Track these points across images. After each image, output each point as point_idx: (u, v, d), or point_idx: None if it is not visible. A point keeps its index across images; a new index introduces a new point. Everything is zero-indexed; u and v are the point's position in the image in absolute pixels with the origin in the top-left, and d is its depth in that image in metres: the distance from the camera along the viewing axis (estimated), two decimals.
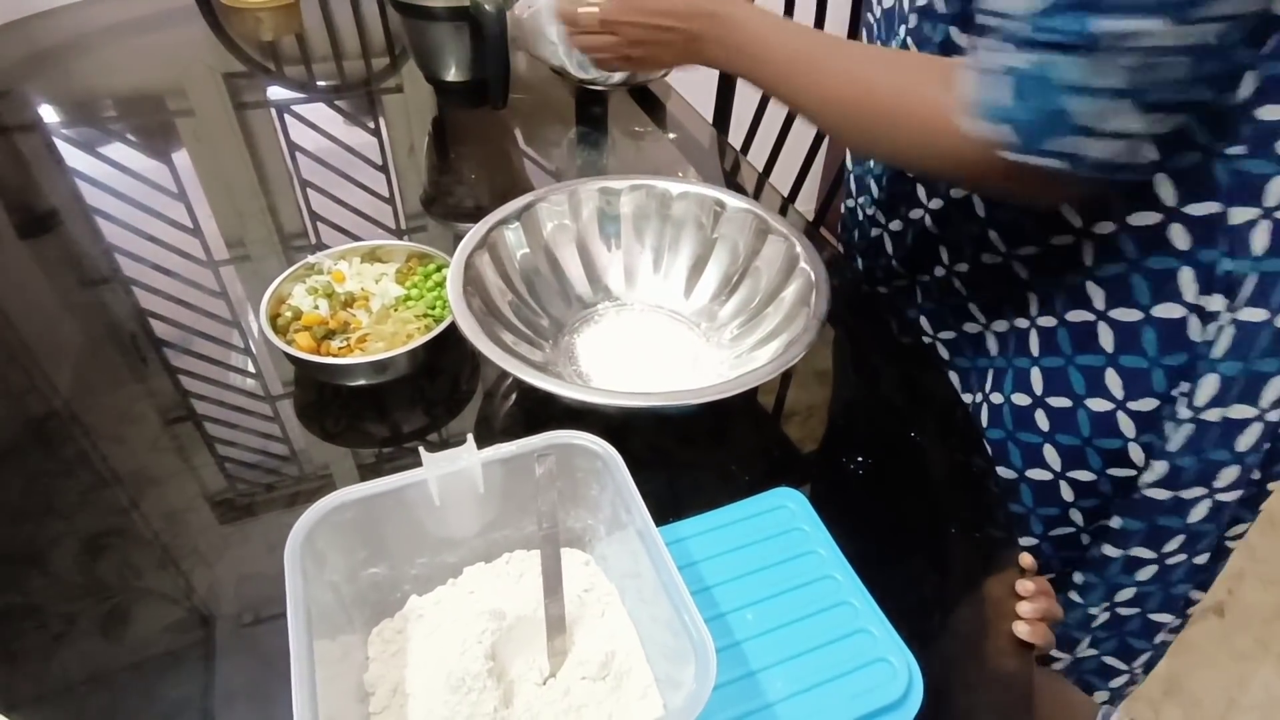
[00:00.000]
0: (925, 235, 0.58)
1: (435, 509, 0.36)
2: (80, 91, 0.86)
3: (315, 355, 0.48)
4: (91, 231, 0.66)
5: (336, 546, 0.34)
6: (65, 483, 0.46)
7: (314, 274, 0.54)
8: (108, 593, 0.41)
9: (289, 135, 0.80)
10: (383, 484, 0.35)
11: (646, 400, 0.44)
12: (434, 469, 0.35)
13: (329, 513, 0.33)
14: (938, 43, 0.51)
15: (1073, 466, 0.51)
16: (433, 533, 0.37)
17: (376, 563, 0.36)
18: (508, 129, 0.83)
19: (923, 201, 0.58)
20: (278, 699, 0.35)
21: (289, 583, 0.31)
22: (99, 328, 0.57)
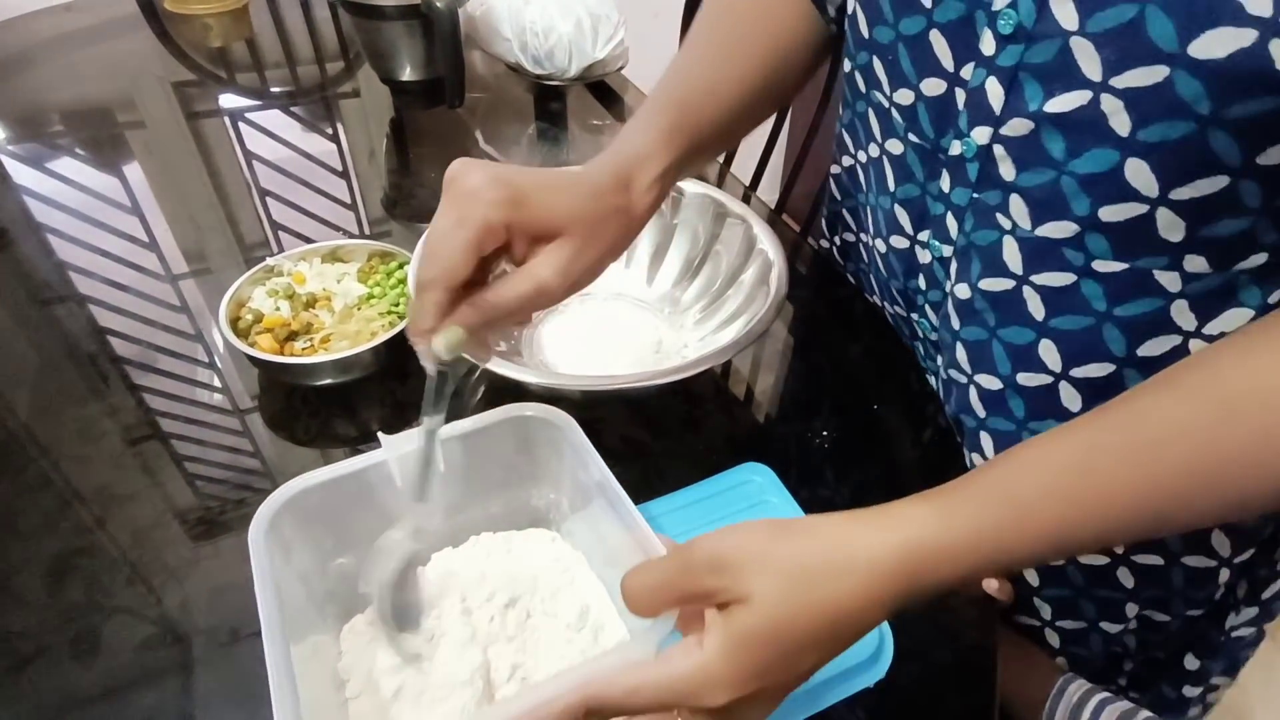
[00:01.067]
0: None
1: (398, 490, 0.36)
2: (25, 106, 0.84)
3: (279, 356, 0.48)
4: (43, 249, 0.64)
5: (302, 536, 0.34)
6: (27, 504, 0.45)
7: (274, 276, 0.53)
8: (76, 613, 0.40)
9: (244, 144, 0.79)
10: (343, 467, 0.34)
11: (612, 383, 0.45)
12: (392, 449, 0.35)
13: (293, 497, 0.33)
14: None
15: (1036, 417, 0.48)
16: (398, 519, 0.37)
17: (344, 552, 0.36)
18: (467, 128, 0.83)
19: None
20: (255, 713, 0.35)
21: (256, 568, 0.31)
22: (56, 347, 0.56)
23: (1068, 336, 0.43)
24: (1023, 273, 0.43)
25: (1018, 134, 0.40)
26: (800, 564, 0.28)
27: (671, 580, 0.30)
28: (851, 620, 0.29)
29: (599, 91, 0.89)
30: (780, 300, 0.50)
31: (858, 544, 0.29)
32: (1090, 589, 0.50)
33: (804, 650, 0.29)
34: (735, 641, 0.28)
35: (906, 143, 0.48)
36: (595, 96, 0.88)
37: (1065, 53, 0.36)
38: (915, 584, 0.29)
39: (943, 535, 0.29)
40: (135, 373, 0.54)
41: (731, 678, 0.28)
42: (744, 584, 0.28)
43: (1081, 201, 0.39)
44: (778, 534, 0.29)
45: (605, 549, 0.36)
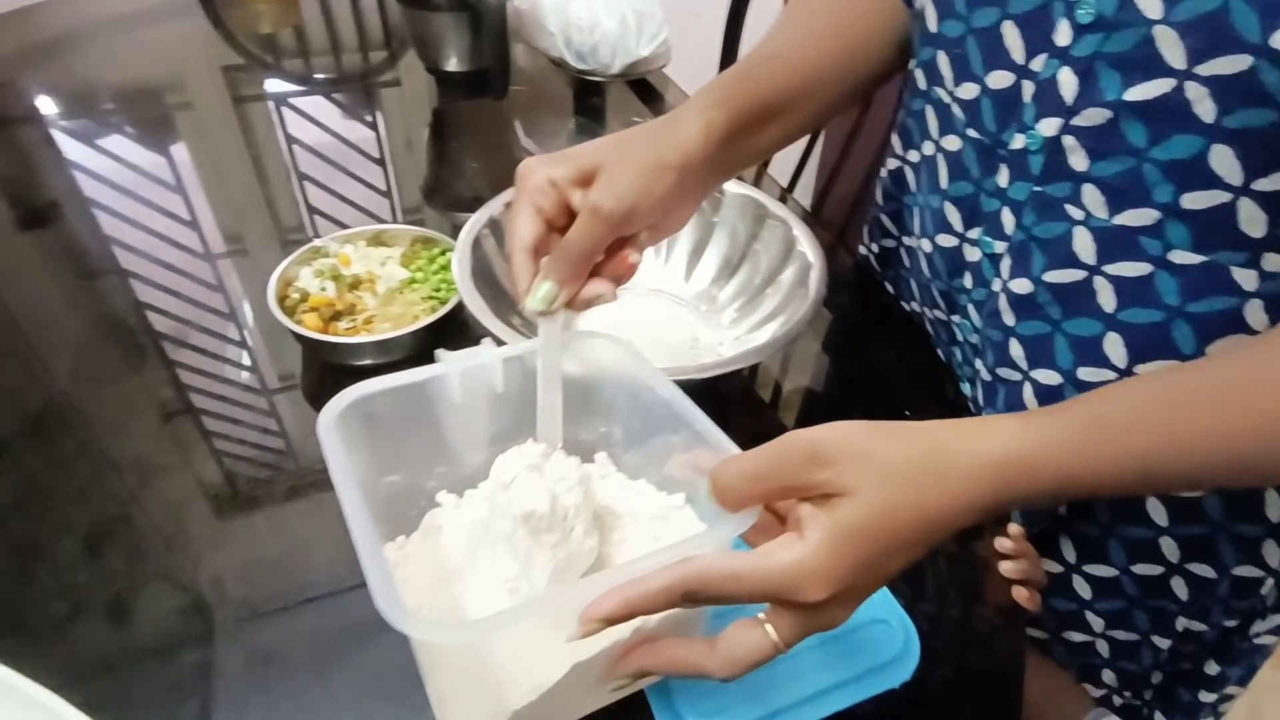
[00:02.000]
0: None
1: (455, 408, 0.36)
2: (79, 84, 0.86)
3: (324, 335, 0.49)
4: (90, 223, 0.66)
5: (360, 442, 0.33)
6: (66, 472, 0.46)
7: (320, 257, 0.54)
8: (110, 580, 0.41)
9: (287, 128, 0.80)
10: (404, 376, 0.35)
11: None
12: (454, 363, 0.35)
13: (356, 400, 0.33)
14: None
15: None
16: (450, 439, 0.37)
17: (396, 469, 0.36)
18: (507, 120, 0.84)
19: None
20: (274, 688, 0.37)
21: (329, 455, 0.30)
22: (98, 320, 0.57)
23: (1136, 331, 0.43)
24: (1096, 263, 0.43)
25: (1093, 123, 0.40)
26: (902, 462, 0.29)
27: (766, 470, 0.29)
28: (942, 524, 0.29)
29: (640, 89, 0.89)
30: (818, 301, 0.50)
31: (955, 450, 0.29)
32: (1144, 600, 0.50)
33: (898, 550, 0.29)
34: (839, 535, 0.28)
35: (965, 138, 0.48)
36: (636, 94, 0.89)
37: (1148, 41, 0.36)
38: (1005, 494, 0.29)
39: (1036, 450, 0.29)
40: (171, 348, 0.55)
41: (831, 572, 0.28)
42: (847, 478, 0.28)
43: (1164, 189, 0.39)
44: (878, 432, 0.29)
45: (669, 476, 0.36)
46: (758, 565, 0.28)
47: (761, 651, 0.29)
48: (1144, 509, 0.47)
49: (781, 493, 0.30)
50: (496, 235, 0.53)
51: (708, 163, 0.41)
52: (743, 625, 0.30)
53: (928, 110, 0.51)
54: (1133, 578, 0.49)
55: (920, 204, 0.55)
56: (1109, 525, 0.49)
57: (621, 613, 0.28)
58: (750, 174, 0.79)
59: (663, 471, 0.37)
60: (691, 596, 0.28)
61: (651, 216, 0.38)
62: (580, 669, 0.31)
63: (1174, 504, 0.47)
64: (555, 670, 0.30)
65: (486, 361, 0.36)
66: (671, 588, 0.28)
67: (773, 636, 0.29)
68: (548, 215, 0.37)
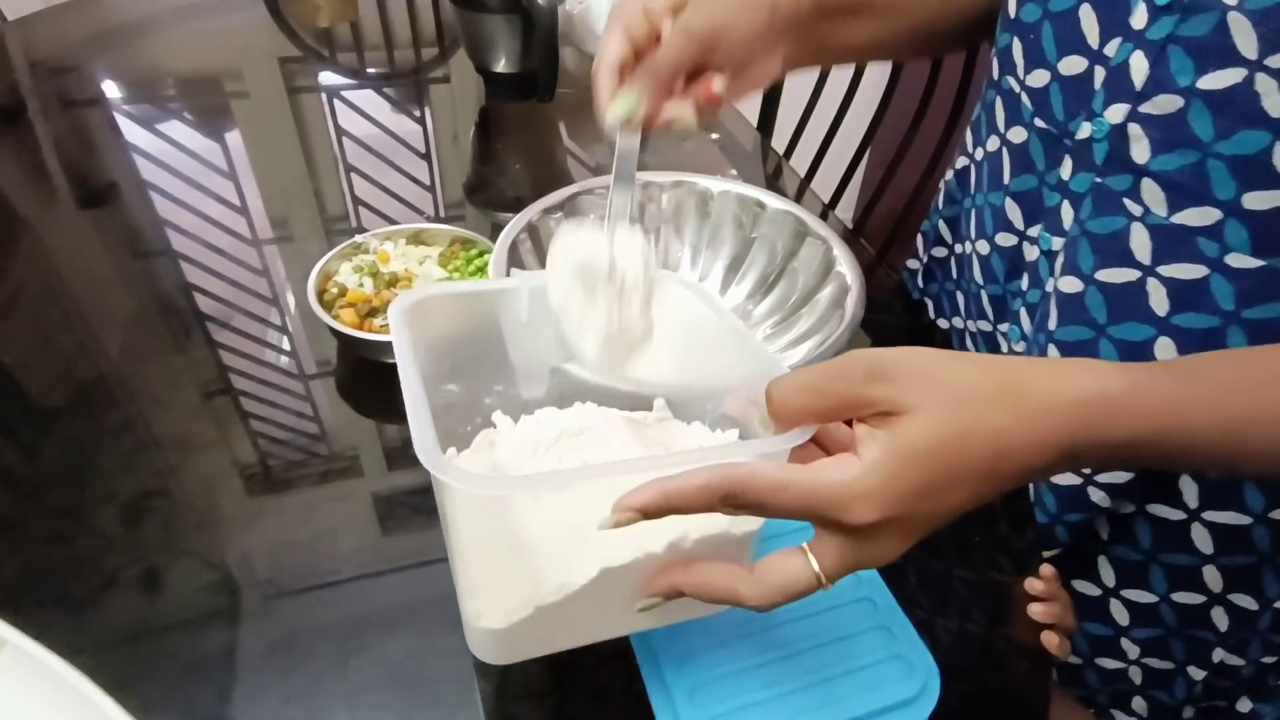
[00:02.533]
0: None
1: (521, 326, 0.35)
2: (143, 70, 0.89)
3: (359, 331, 0.49)
4: (146, 205, 0.68)
5: (425, 345, 0.33)
6: (110, 444, 0.47)
7: (360, 253, 0.55)
8: (145, 552, 0.42)
9: (337, 120, 0.82)
10: (476, 284, 0.36)
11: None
12: (527, 280, 0.35)
13: (428, 298, 0.33)
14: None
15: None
16: (513, 359, 0.37)
17: (456, 378, 0.36)
18: (552, 122, 0.84)
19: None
20: (294, 670, 0.37)
21: (395, 333, 0.31)
22: (148, 298, 0.59)
23: (1189, 336, 0.41)
24: (1150, 263, 0.41)
25: (1162, 111, 0.39)
26: (972, 385, 0.26)
27: (825, 384, 0.27)
28: (1016, 457, 0.26)
29: None
30: (855, 325, 0.49)
31: (1035, 380, 0.27)
32: (1182, 629, 0.48)
33: (962, 479, 0.26)
34: (897, 454, 0.25)
35: (1031, 129, 0.47)
36: None
37: (1222, 28, 0.35)
38: (1086, 435, 0.27)
39: (1126, 391, 0.27)
40: (215, 329, 0.56)
41: (885, 492, 0.25)
42: (910, 394, 0.26)
43: (1227, 186, 0.37)
44: (951, 356, 0.27)
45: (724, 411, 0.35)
46: (807, 477, 0.26)
47: (802, 580, 0.27)
48: (1189, 536, 0.46)
49: (839, 408, 0.27)
50: (534, 240, 0.53)
51: (794, 16, 0.42)
52: (784, 552, 0.28)
53: (997, 102, 0.50)
54: (1172, 606, 0.48)
55: (980, 204, 0.54)
56: (1151, 551, 0.47)
57: (657, 504, 0.26)
58: (792, 189, 0.79)
59: (720, 410, 0.36)
60: (732, 499, 0.26)
61: (736, 50, 0.40)
62: (610, 575, 0.29)
63: (1221, 532, 0.45)
64: (584, 573, 0.29)
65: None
66: (712, 486, 0.25)
67: (814, 566, 0.27)
68: (637, 40, 0.38)
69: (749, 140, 0.84)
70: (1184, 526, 0.46)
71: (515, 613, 0.30)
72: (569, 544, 0.30)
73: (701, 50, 0.38)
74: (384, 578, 0.42)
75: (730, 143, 0.83)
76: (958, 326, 0.60)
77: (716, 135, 0.84)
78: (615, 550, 0.29)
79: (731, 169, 0.79)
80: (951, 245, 0.60)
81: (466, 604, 0.31)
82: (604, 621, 0.33)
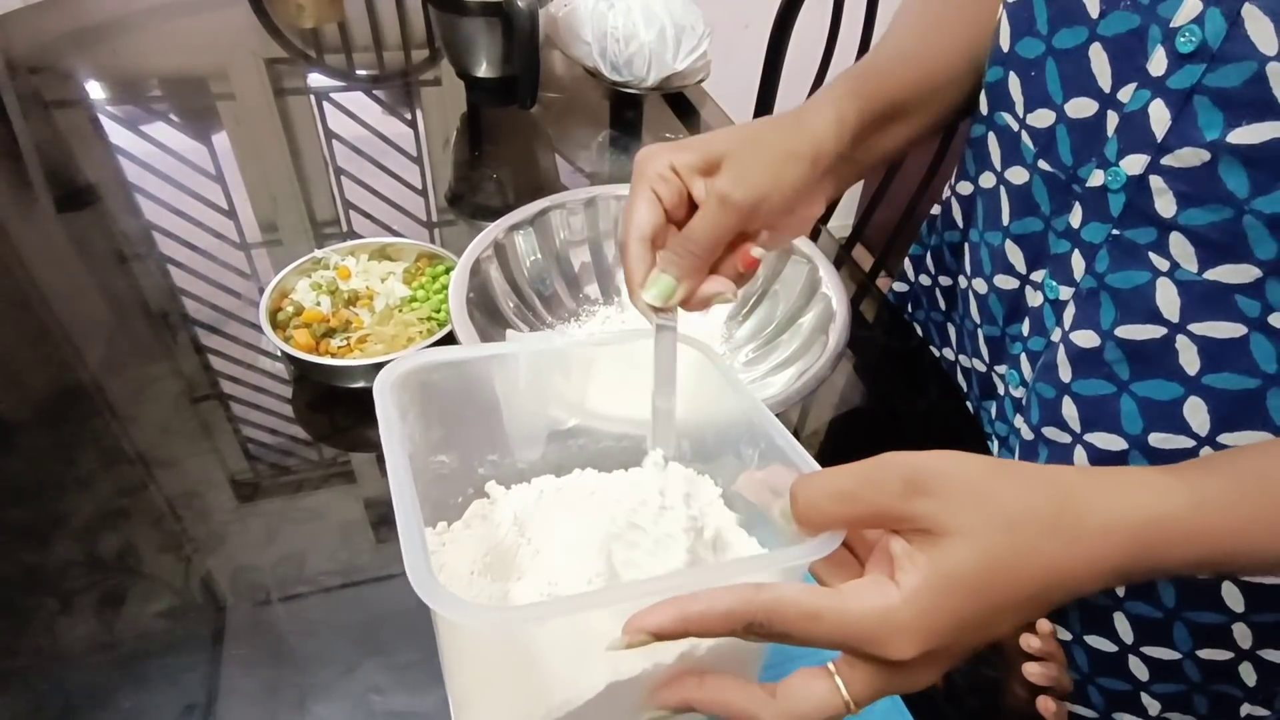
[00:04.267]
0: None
1: (518, 393, 0.34)
2: (125, 70, 0.88)
3: (312, 354, 0.47)
4: (130, 208, 0.66)
5: (416, 413, 0.32)
6: (89, 451, 0.46)
7: (320, 269, 0.53)
8: (128, 559, 0.41)
9: (326, 123, 0.80)
10: (470, 350, 0.33)
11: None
12: (525, 344, 0.33)
13: (419, 368, 0.31)
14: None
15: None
16: (508, 426, 0.35)
17: (447, 449, 0.34)
18: (539, 128, 0.82)
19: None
20: (279, 689, 0.36)
21: (382, 418, 0.29)
22: (131, 302, 0.57)
23: (1224, 397, 0.38)
24: (1179, 320, 0.38)
25: (1187, 165, 0.36)
26: (1026, 507, 0.24)
27: (858, 490, 0.25)
28: (1069, 585, 0.25)
29: (676, 104, 0.86)
30: (838, 355, 0.46)
31: (1093, 502, 0.25)
32: (1207, 685, 0.45)
33: (1009, 609, 0.24)
34: (940, 583, 0.23)
35: (1035, 171, 0.44)
36: (672, 108, 0.86)
37: (1259, 79, 0.32)
38: (1146, 559, 0.25)
39: (1190, 511, 0.25)
40: (202, 334, 0.55)
41: (925, 627, 0.23)
42: (955, 514, 0.24)
43: (1267, 245, 0.35)
44: (998, 469, 0.25)
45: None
46: (840, 607, 0.24)
47: (828, 708, 0.25)
48: (1219, 595, 0.43)
49: (873, 520, 0.25)
50: (500, 259, 0.51)
51: (838, 156, 0.38)
52: (809, 674, 0.25)
53: (990, 138, 0.47)
54: (1197, 662, 0.45)
55: (976, 241, 0.51)
56: (1175, 609, 0.44)
57: (674, 628, 0.23)
58: None
59: (731, 488, 0.34)
60: (756, 629, 0.24)
61: (779, 210, 0.36)
62: (616, 689, 0.27)
63: (1254, 591, 0.42)
64: (589, 687, 0.27)
65: (559, 348, 0.34)
66: (736, 613, 0.23)
67: (844, 694, 0.25)
68: (667, 204, 0.35)
69: None
70: (1214, 585, 0.43)
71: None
72: (575, 657, 0.28)
73: (742, 221, 0.35)
74: (375, 584, 0.42)
75: None
76: (949, 358, 0.57)
77: None
78: (624, 662, 0.27)
79: None
80: (936, 276, 0.58)
81: (459, 717, 0.30)
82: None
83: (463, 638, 0.28)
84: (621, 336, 0.35)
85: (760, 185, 0.34)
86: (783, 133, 0.37)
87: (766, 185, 0.35)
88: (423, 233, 0.67)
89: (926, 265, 0.59)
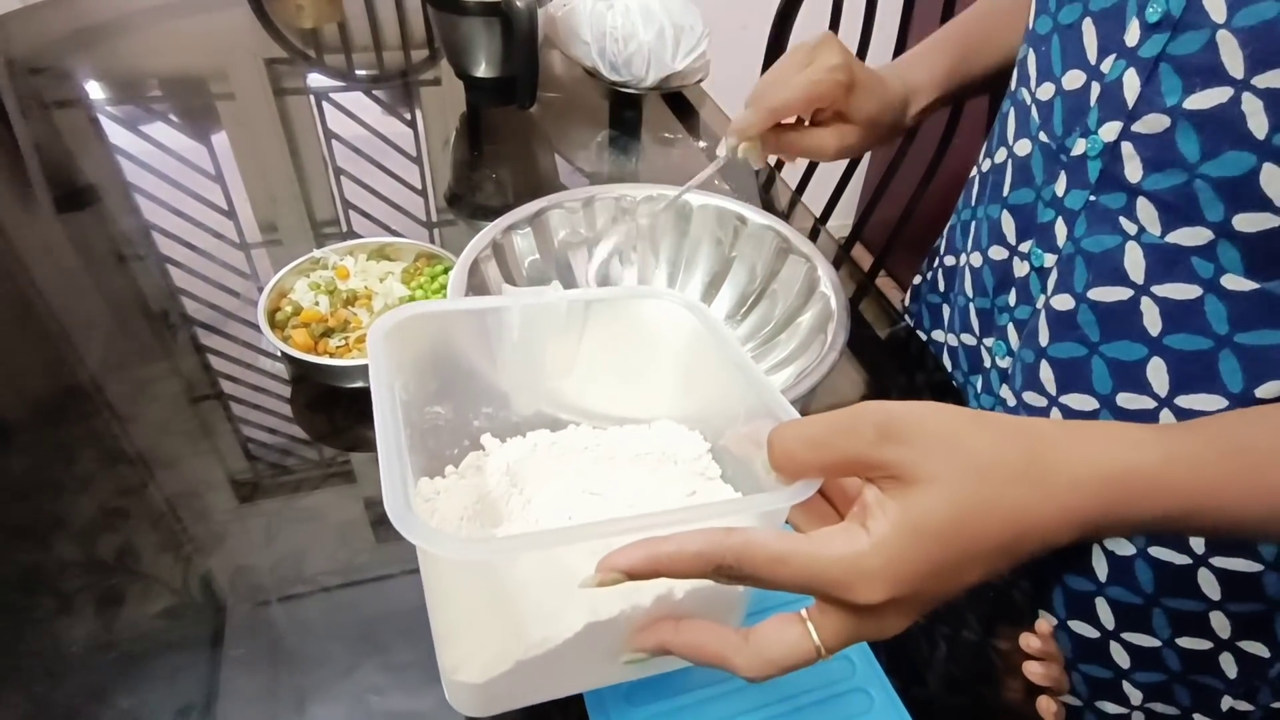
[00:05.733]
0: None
1: (512, 346, 0.34)
2: (124, 70, 0.88)
3: (311, 354, 0.47)
4: (130, 208, 0.66)
5: (410, 365, 0.32)
6: (89, 451, 0.46)
7: (319, 268, 0.53)
8: (128, 559, 0.41)
9: (326, 123, 0.80)
10: (464, 303, 0.34)
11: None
12: (518, 298, 0.33)
13: (410, 318, 0.31)
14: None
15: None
16: (503, 379, 0.35)
17: (442, 400, 0.34)
18: (538, 128, 0.82)
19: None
20: (278, 690, 0.36)
21: (372, 361, 0.29)
22: (129, 303, 0.57)
23: (1181, 359, 0.40)
24: (1144, 282, 0.40)
25: (1151, 131, 0.37)
26: (997, 456, 0.24)
27: (832, 437, 0.25)
28: (1037, 535, 0.24)
29: (675, 103, 0.86)
30: (837, 355, 0.46)
31: (1065, 451, 0.25)
32: (1188, 675, 0.46)
33: (977, 558, 0.24)
34: (908, 530, 0.24)
35: (1035, 142, 0.46)
36: (671, 108, 0.86)
37: (1211, 47, 0.34)
38: (1116, 511, 0.25)
39: (1162, 465, 0.26)
40: (202, 334, 0.55)
41: (894, 572, 0.24)
42: (925, 461, 0.24)
43: (1215, 207, 0.36)
44: (972, 419, 0.25)
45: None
46: (809, 551, 0.24)
47: (799, 653, 0.25)
48: (1195, 582, 0.43)
49: (847, 466, 0.26)
50: (499, 258, 0.51)
51: (926, 111, 0.53)
52: (781, 620, 0.26)
53: (1010, 113, 0.50)
54: (1177, 651, 0.45)
55: (980, 216, 0.53)
56: (1154, 595, 0.45)
57: (644, 567, 0.24)
58: (784, 200, 0.75)
59: (718, 443, 0.34)
60: (726, 570, 0.24)
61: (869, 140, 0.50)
62: (594, 629, 0.28)
63: (1229, 579, 0.43)
64: (567, 627, 0.28)
65: (553, 301, 0.34)
66: (706, 554, 0.24)
67: (815, 638, 0.25)
68: (807, 109, 0.47)
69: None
70: (1190, 571, 0.43)
71: (494, 666, 0.29)
72: (553, 595, 0.28)
73: (824, 158, 0.50)
74: (373, 584, 0.42)
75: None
76: (937, 340, 0.59)
77: (705, 144, 0.81)
78: (602, 603, 0.28)
79: (718, 180, 0.76)
80: (943, 257, 0.59)
81: (443, 654, 0.30)
82: (586, 673, 0.32)
83: (446, 569, 0.29)
84: (615, 291, 0.35)
85: (848, 154, 0.50)
86: (889, 131, 0.51)
87: (851, 153, 0.50)
88: (421, 233, 0.67)
89: (939, 249, 0.61)
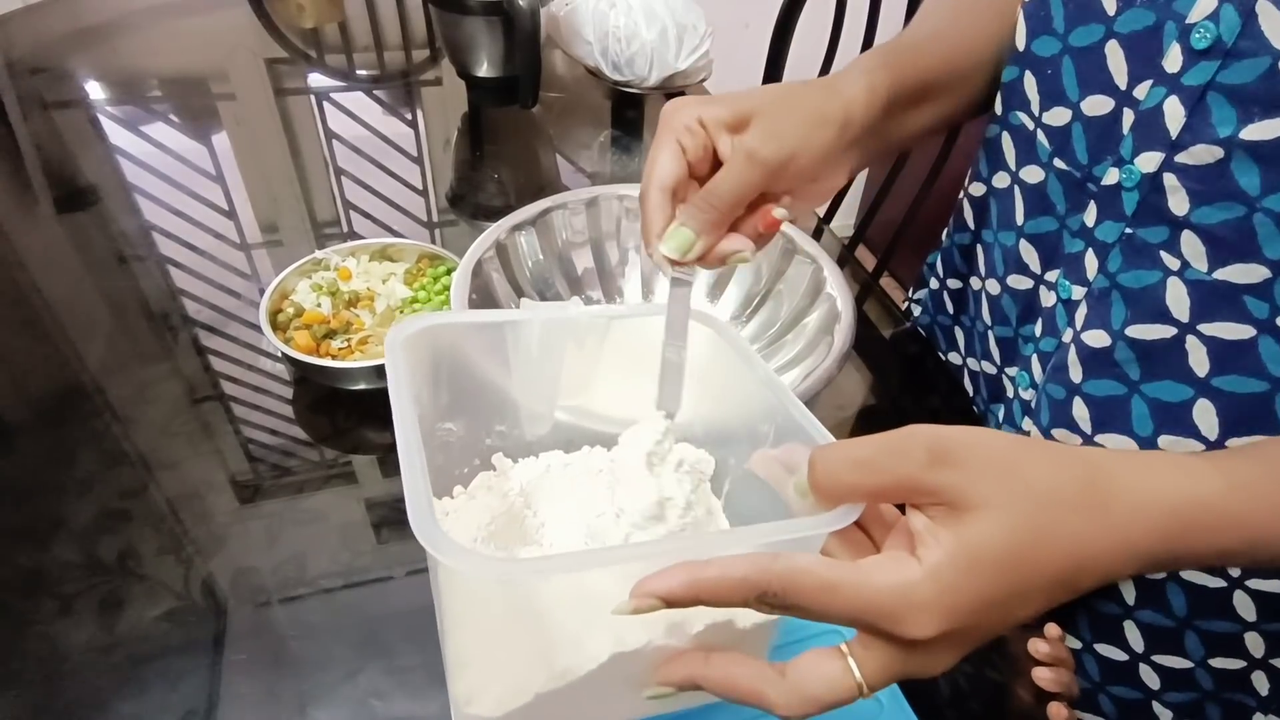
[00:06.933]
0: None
1: (530, 362, 0.33)
2: (124, 70, 0.87)
3: (313, 356, 0.47)
4: (130, 208, 0.66)
5: (424, 376, 0.31)
6: (89, 453, 0.46)
7: (321, 270, 0.53)
8: (113, 569, 0.41)
9: (326, 123, 0.80)
10: (483, 315, 0.33)
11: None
12: (538, 311, 0.32)
13: (428, 328, 0.30)
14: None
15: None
16: (518, 397, 0.34)
17: (454, 416, 0.33)
18: (540, 128, 0.82)
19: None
20: (280, 693, 0.36)
21: (391, 374, 0.29)
22: (130, 304, 0.57)
23: (1231, 401, 0.38)
24: (1189, 320, 0.38)
25: (1200, 162, 0.35)
26: (1055, 483, 0.23)
27: (881, 461, 0.24)
28: (1097, 567, 0.23)
29: None
30: (843, 356, 0.46)
31: (1122, 480, 0.24)
32: (1220, 693, 0.45)
33: (1036, 590, 0.23)
34: (963, 560, 0.22)
35: (1050, 170, 0.44)
36: None
37: (1272, 74, 0.32)
38: (1177, 544, 0.24)
39: (1224, 499, 0.24)
40: (203, 334, 0.55)
41: (946, 604, 0.22)
42: (980, 487, 0.22)
43: (1276, 244, 0.34)
44: (1026, 444, 0.24)
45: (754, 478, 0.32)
46: (858, 580, 0.23)
47: (840, 690, 0.24)
48: (1231, 604, 0.42)
49: (895, 490, 0.24)
50: (502, 259, 0.51)
51: (866, 125, 0.38)
52: (819, 654, 0.24)
53: (1004, 137, 0.47)
54: (1210, 671, 0.44)
55: (989, 242, 0.51)
56: (1186, 618, 0.44)
57: (684, 593, 0.22)
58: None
59: (744, 467, 0.33)
60: (770, 598, 0.22)
61: (804, 174, 0.35)
62: (620, 661, 0.26)
63: (1265, 600, 0.42)
64: (592, 657, 0.26)
65: (574, 316, 0.33)
66: (750, 580, 0.22)
67: (856, 675, 0.24)
68: (691, 157, 0.34)
69: None
70: (1225, 594, 0.42)
71: (512, 698, 0.27)
72: (577, 623, 0.26)
73: (768, 180, 0.34)
74: (376, 584, 0.41)
75: None
76: (955, 362, 0.57)
77: None
78: (628, 635, 0.26)
79: None
80: (945, 280, 0.57)
81: (455, 683, 0.29)
82: (608, 709, 0.30)
83: (464, 592, 0.27)
84: (636, 309, 0.34)
85: (788, 145, 0.34)
86: (814, 96, 0.36)
87: (795, 145, 0.34)
88: (424, 233, 0.67)
89: (936, 270, 0.58)
